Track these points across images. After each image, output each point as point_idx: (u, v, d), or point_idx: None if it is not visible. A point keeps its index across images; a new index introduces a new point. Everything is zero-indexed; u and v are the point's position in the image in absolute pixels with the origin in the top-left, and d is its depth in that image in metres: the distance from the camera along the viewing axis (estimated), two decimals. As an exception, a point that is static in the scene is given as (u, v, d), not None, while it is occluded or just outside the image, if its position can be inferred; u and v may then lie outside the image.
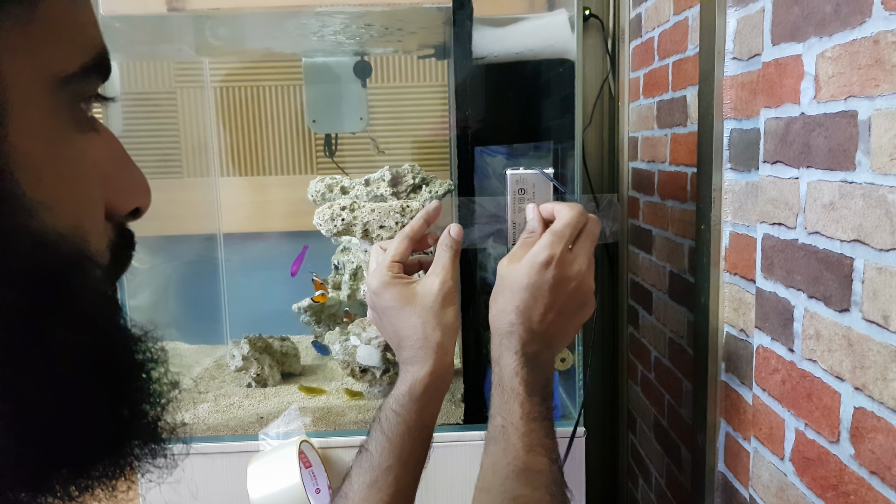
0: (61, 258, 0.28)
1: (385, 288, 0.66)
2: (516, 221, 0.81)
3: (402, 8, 1.04)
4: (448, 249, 0.68)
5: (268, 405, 1.09)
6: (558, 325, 0.63)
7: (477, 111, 0.94)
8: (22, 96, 0.27)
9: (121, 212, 0.34)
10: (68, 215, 0.29)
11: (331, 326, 1.30)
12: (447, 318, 0.64)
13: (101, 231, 0.32)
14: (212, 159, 1.62)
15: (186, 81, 1.64)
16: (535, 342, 0.62)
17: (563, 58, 1.00)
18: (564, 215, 0.65)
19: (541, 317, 0.62)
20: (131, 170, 0.35)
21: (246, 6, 1.08)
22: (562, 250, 0.62)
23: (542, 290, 0.62)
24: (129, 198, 0.34)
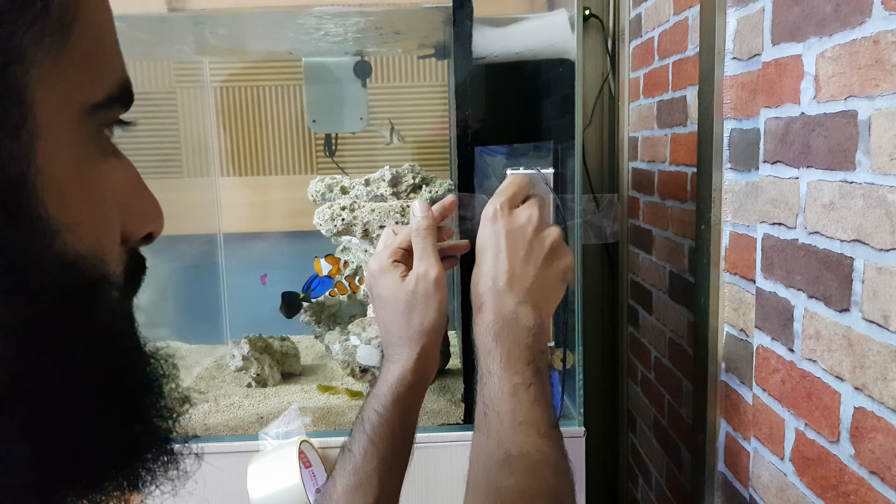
0: (82, 278, 0.29)
1: (382, 273, 0.64)
2: (516, 221, 0.81)
3: (402, 8, 1.04)
4: (419, 237, 0.64)
5: (268, 405, 1.09)
6: (531, 276, 0.61)
7: (477, 111, 0.94)
8: (51, 124, 0.28)
9: (135, 237, 0.35)
10: (89, 237, 0.30)
11: (331, 326, 1.30)
12: (428, 315, 0.62)
13: (117, 254, 0.33)
14: (212, 159, 1.62)
15: (186, 81, 1.64)
16: (508, 302, 0.60)
17: (563, 58, 1.00)
18: (505, 182, 0.66)
19: (507, 273, 0.61)
20: (146, 195, 0.36)
21: (246, 6, 1.08)
22: (503, 203, 0.63)
23: (496, 245, 0.62)
24: (143, 223, 0.35)
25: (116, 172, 0.33)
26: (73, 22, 0.29)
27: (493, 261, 0.61)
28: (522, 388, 0.56)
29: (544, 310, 0.63)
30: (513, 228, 0.62)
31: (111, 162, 0.33)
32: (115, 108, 0.32)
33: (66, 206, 0.29)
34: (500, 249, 0.61)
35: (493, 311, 0.60)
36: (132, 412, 0.33)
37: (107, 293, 0.31)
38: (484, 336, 0.59)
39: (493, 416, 0.56)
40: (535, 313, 0.61)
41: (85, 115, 0.30)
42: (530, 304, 0.61)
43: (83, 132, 0.30)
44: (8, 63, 0.27)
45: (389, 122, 1.53)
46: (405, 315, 0.62)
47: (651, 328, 1.32)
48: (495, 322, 0.59)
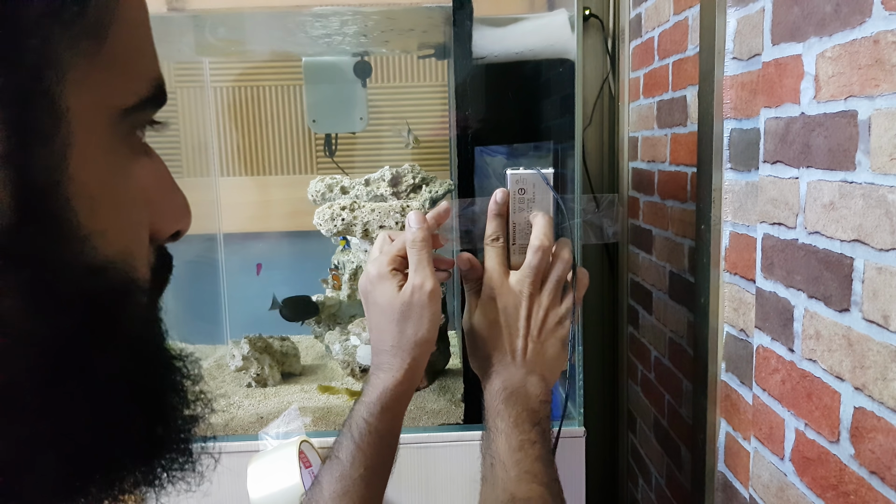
0: (111, 285, 0.29)
1: (380, 280, 0.65)
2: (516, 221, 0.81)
3: (402, 8, 1.04)
4: (414, 248, 0.65)
5: (268, 405, 1.09)
6: (540, 351, 0.65)
7: (477, 111, 0.94)
8: (84, 130, 0.27)
9: (163, 235, 0.34)
10: (118, 242, 0.29)
11: (331, 326, 1.30)
12: (422, 327, 0.63)
13: (145, 254, 0.32)
14: (212, 159, 1.62)
15: (186, 81, 1.64)
16: (516, 374, 0.64)
17: (563, 58, 1.00)
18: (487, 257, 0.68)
19: (521, 349, 0.65)
20: (176, 193, 0.35)
21: (246, 6, 1.08)
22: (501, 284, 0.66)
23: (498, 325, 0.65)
24: (172, 221, 0.35)
25: (147, 172, 0.33)
26: (110, 24, 0.28)
27: (496, 339, 0.65)
28: (528, 444, 0.60)
29: (550, 379, 0.67)
30: (507, 306, 0.65)
31: (142, 161, 0.32)
32: (147, 110, 0.32)
33: (96, 213, 0.28)
34: (500, 328, 0.65)
35: (503, 379, 0.63)
36: (155, 414, 0.33)
37: (135, 298, 0.31)
38: (493, 399, 0.63)
39: (499, 468, 0.59)
40: (542, 383, 0.65)
41: (118, 118, 0.29)
42: (538, 375, 0.65)
43: (116, 136, 0.30)
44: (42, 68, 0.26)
45: (406, 123, 1.53)
46: (399, 325, 0.63)
47: (651, 328, 1.32)
48: (504, 389, 0.62)
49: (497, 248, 0.70)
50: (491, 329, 0.65)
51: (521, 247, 0.83)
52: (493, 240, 0.70)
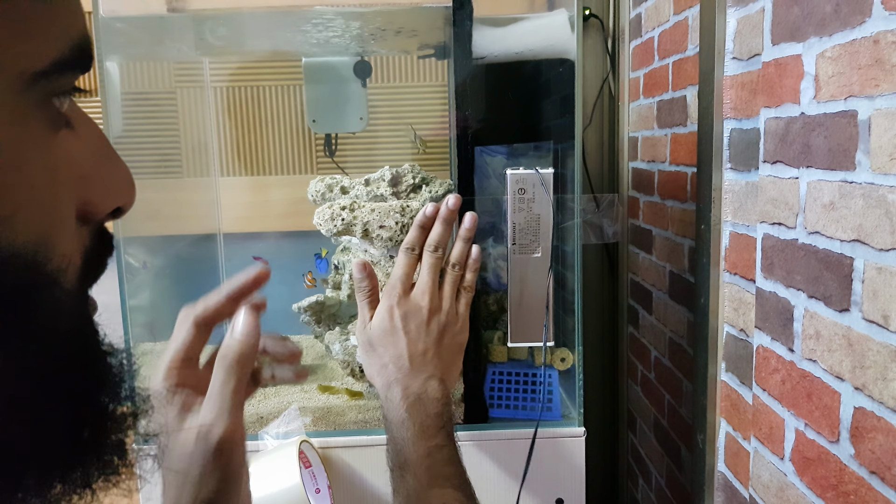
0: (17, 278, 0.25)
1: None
2: (516, 221, 0.81)
3: (402, 8, 1.04)
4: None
5: (268, 405, 1.09)
6: (431, 354, 0.68)
7: (477, 111, 0.94)
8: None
9: (100, 213, 0.31)
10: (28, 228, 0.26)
11: (331, 326, 1.30)
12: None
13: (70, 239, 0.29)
14: (212, 159, 1.62)
15: (186, 81, 1.64)
16: (416, 379, 0.66)
17: (563, 58, 1.00)
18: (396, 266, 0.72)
19: (409, 356, 0.67)
20: (114, 166, 0.31)
21: (246, 6, 1.08)
22: (399, 294, 0.69)
23: (394, 333, 0.68)
24: (109, 197, 0.31)
25: (73, 145, 0.29)
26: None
27: (395, 347, 0.68)
28: (436, 449, 0.61)
29: (448, 380, 0.69)
30: (407, 314, 0.68)
31: (64, 134, 0.28)
32: (65, 75, 0.27)
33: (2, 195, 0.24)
34: (399, 336, 0.68)
35: (404, 387, 0.65)
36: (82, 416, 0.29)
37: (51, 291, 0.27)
38: (396, 410, 0.64)
39: (410, 477, 0.60)
40: (440, 385, 0.67)
41: (26, 85, 0.25)
42: (436, 378, 0.67)
43: (24, 105, 0.26)
44: None
45: (411, 127, 1.53)
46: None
47: (651, 328, 1.32)
48: (406, 398, 0.64)
49: (411, 258, 0.73)
50: (391, 337, 0.68)
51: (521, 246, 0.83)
52: (408, 248, 0.73)
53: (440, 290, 0.71)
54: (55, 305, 0.27)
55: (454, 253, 0.73)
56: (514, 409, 0.94)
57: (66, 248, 0.28)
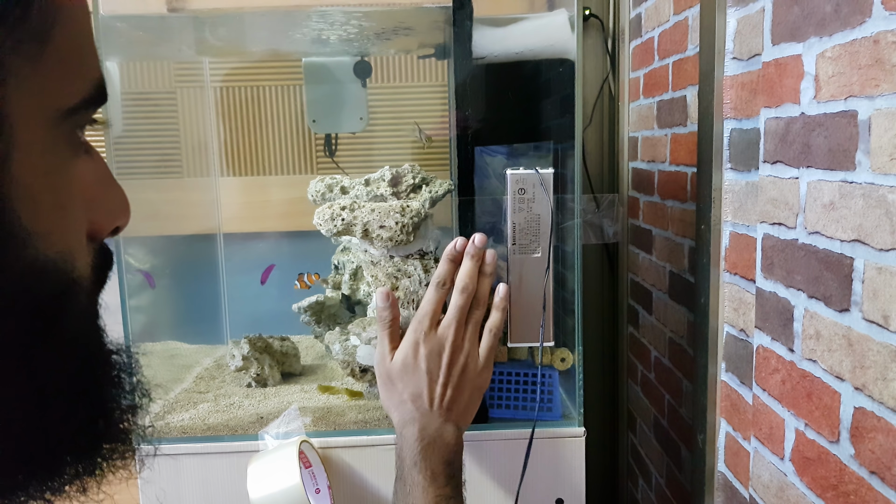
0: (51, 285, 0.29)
1: None
2: (516, 221, 0.81)
3: (402, 8, 1.04)
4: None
5: (268, 405, 1.09)
6: (451, 397, 0.67)
7: (477, 111, 0.94)
8: (26, 132, 0.27)
9: (103, 232, 0.35)
10: (60, 243, 0.30)
11: (331, 326, 1.30)
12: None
13: (84, 252, 0.32)
14: (212, 159, 1.62)
15: (186, 81, 1.64)
16: (434, 422, 0.66)
17: (563, 58, 1.00)
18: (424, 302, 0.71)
19: (429, 395, 0.67)
20: (114, 190, 0.35)
21: (246, 6, 1.08)
22: (425, 331, 0.69)
23: (420, 371, 0.67)
24: (111, 218, 0.35)
25: (86, 170, 0.33)
26: (52, 27, 0.28)
27: (416, 385, 0.67)
28: (443, 500, 0.62)
29: (463, 425, 0.69)
30: (432, 352, 0.68)
31: (82, 160, 0.32)
32: (89, 110, 0.32)
33: (38, 215, 0.28)
34: (421, 375, 0.67)
35: (421, 427, 0.66)
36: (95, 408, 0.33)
37: (75, 297, 0.31)
38: (410, 450, 0.65)
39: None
40: (456, 432, 0.67)
41: (60, 119, 0.29)
42: (452, 423, 0.67)
43: (58, 136, 0.30)
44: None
45: (416, 124, 1.53)
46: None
47: (651, 328, 1.32)
48: (421, 439, 0.65)
49: (440, 294, 0.72)
50: (413, 375, 0.67)
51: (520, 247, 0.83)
52: (439, 284, 0.72)
53: (465, 330, 0.70)
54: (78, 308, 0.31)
55: (478, 292, 0.72)
56: (514, 409, 0.94)
57: (82, 263, 0.32)
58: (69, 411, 0.31)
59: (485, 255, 0.74)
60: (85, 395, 0.32)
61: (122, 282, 0.98)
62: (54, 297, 0.30)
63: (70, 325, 0.31)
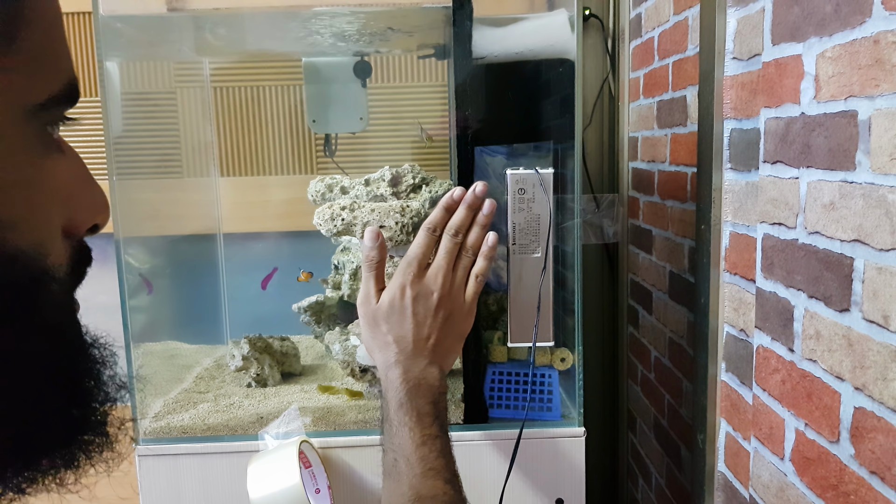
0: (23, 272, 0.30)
1: None
2: (516, 221, 0.81)
3: (402, 8, 1.04)
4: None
5: (268, 405, 1.09)
6: (435, 339, 0.67)
7: (477, 111, 0.94)
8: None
9: (81, 230, 0.35)
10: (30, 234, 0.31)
11: (331, 326, 1.30)
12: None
13: (60, 248, 0.33)
14: (212, 159, 1.62)
15: (186, 81, 1.64)
16: (417, 363, 0.66)
17: (563, 58, 1.00)
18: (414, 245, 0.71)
19: (414, 338, 0.67)
20: (92, 189, 0.36)
21: (246, 6, 1.08)
22: (413, 274, 0.68)
23: (406, 313, 0.67)
24: (89, 216, 0.36)
25: (61, 168, 0.33)
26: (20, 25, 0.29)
27: (401, 327, 0.67)
28: (430, 439, 0.62)
29: (446, 368, 0.69)
30: (419, 295, 0.68)
31: (56, 158, 0.33)
32: (60, 108, 0.33)
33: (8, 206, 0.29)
34: (407, 317, 0.67)
35: (405, 369, 0.66)
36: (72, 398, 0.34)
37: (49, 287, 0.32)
38: (396, 392, 0.64)
39: (403, 463, 0.61)
40: (440, 374, 0.67)
41: (30, 115, 0.30)
42: (436, 365, 0.67)
43: (28, 132, 0.31)
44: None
45: (418, 122, 1.53)
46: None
47: (651, 328, 1.32)
48: (406, 381, 0.65)
49: (430, 239, 0.72)
50: (399, 316, 0.67)
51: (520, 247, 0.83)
52: (429, 228, 0.72)
53: (453, 276, 0.70)
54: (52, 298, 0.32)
55: (470, 238, 0.72)
56: (514, 409, 0.94)
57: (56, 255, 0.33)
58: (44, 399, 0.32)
59: (482, 205, 0.73)
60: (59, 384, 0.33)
61: (122, 282, 0.98)
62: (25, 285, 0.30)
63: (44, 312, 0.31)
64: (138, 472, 0.96)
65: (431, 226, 0.71)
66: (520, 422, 0.92)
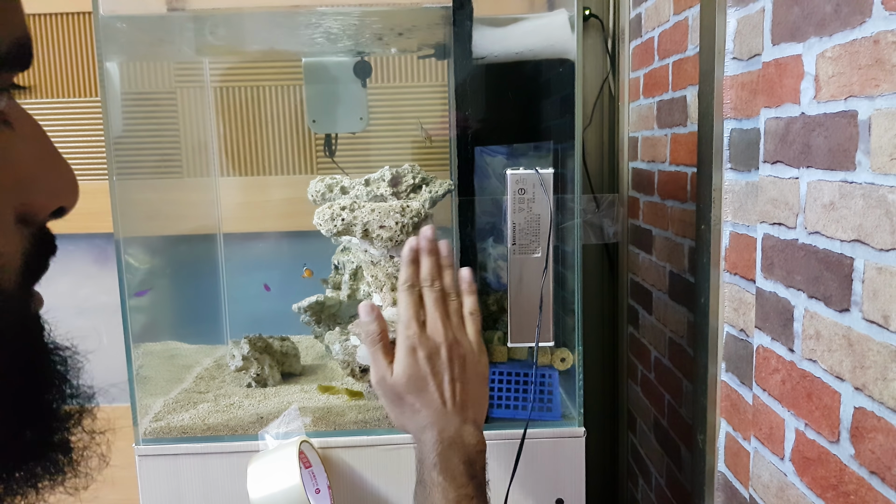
0: None
1: None
2: (516, 221, 0.81)
3: (402, 8, 1.04)
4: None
5: (268, 405, 1.09)
6: (463, 392, 0.66)
7: (477, 111, 0.94)
8: None
9: (41, 214, 0.30)
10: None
11: (331, 326, 1.30)
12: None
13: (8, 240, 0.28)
14: (212, 159, 1.62)
15: (186, 81, 1.64)
16: (451, 423, 0.64)
17: (563, 58, 1.00)
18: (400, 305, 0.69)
19: (440, 399, 0.65)
20: (55, 167, 0.31)
21: (246, 6, 1.08)
22: (416, 334, 0.66)
23: (426, 377, 0.65)
24: (51, 198, 0.30)
25: (11, 144, 0.28)
26: None
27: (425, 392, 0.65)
28: (465, 499, 0.60)
29: (480, 421, 0.68)
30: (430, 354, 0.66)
31: (4, 135, 0.28)
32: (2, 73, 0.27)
33: None
34: (428, 380, 0.65)
35: (439, 430, 0.64)
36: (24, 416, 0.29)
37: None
38: (429, 452, 0.63)
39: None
40: (477, 432, 0.66)
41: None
42: (471, 423, 0.65)
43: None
44: None
45: (419, 121, 1.53)
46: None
47: (651, 328, 1.32)
48: (440, 441, 0.63)
49: (413, 296, 0.70)
50: (419, 382, 0.65)
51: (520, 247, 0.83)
52: (409, 286, 0.71)
53: (449, 322, 0.69)
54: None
55: (445, 282, 0.71)
56: (514, 409, 0.94)
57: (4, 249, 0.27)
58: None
59: (439, 248, 0.73)
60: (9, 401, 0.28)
61: (122, 282, 0.98)
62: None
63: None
64: (138, 472, 0.96)
65: (406, 283, 0.70)
66: (520, 421, 0.91)
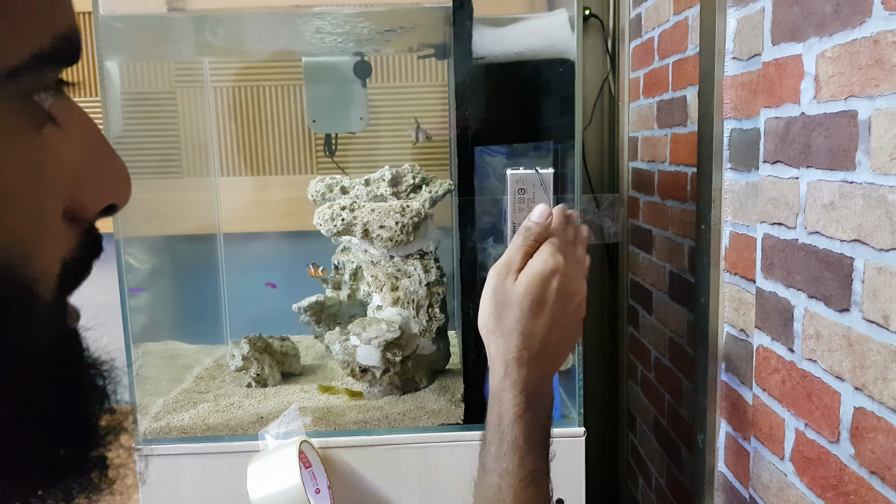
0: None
1: None
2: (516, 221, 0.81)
3: (402, 8, 1.04)
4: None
5: (268, 405, 1.09)
6: (559, 346, 0.57)
7: (477, 111, 0.94)
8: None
9: (90, 212, 0.29)
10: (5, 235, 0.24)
11: (331, 326, 1.30)
12: None
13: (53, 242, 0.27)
14: (212, 159, 1.62)
15: (186, 81, 1.64)
16: (538, 370, 0.56)
17: (563, 58, 1.00)
18: (554, 225, 0.59)
19: (543, 338, 0.56)
20: (107, 162, 0.29)
21: (246, 6, 1.08)
22: (559, 262, 0.56)
23: (546, 307, 0.55)
24: (101, 195, 0.29)
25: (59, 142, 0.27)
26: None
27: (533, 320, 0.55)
28: (540, 475, 0.54)
29: (553, 373, 0.59)
30: (563, 291, 0.56)
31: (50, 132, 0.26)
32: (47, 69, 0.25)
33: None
34: (546, 311, 0.56)
35: (525, 374, 0.55)
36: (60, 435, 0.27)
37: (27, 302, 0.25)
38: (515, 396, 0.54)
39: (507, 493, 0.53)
40: (551, 390, 0.58)
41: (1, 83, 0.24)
42: (551, 380, 0.58)
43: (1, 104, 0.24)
44: None
45: (415, 120, 1.52)
46: None
47: (651, 328, 1.32)
48: (524, 391, 0.55)
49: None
50: (537, 307, 0.55)
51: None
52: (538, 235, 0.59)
53: (583, 281, 0.59)
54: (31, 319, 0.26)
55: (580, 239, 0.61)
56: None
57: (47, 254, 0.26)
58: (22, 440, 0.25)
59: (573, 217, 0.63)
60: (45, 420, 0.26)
61: (122, 282, 0.98)
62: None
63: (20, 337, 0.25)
64: (138, 472, 0.96)
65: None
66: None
